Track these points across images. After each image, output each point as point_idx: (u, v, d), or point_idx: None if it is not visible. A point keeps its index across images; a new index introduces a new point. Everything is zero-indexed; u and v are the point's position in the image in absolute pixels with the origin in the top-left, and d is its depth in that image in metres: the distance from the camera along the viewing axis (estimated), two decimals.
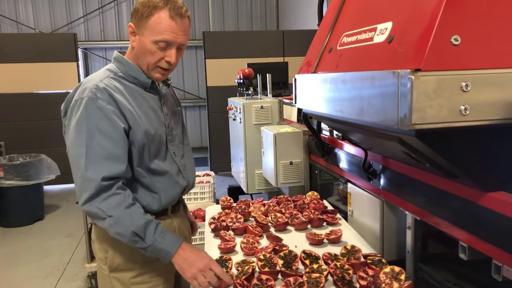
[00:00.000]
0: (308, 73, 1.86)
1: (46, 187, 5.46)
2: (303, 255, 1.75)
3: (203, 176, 4.52)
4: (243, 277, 1.59)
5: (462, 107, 1.10)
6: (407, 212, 1.78)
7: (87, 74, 8.36)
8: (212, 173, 4.66)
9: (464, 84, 1.10)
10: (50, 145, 6.14)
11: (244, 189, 3.96)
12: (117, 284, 1.49)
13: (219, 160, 6.77)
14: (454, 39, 1.10)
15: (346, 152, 2.36)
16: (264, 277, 1.58)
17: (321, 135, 2.70)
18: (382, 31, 1.39)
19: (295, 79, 1.99)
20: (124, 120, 1.42)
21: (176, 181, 1.57)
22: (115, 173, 1.37)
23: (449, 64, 1.10)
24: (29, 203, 4.97)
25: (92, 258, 3.31)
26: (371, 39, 1.46)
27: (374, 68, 1.32)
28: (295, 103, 2.04)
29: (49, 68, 6.28)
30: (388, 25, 1.36)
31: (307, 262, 1.72)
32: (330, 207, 2.46)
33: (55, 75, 6.32)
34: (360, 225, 2.22)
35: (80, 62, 7.16)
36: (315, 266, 1.66)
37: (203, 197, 4.25)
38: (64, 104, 1.46)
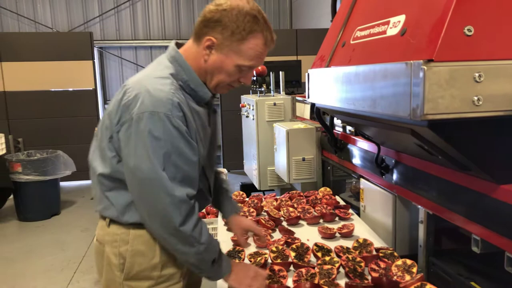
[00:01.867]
0: (321, 68, 1.87)
1: (62, 183, 5.54)
2: (315, 247, 1.77)
3: None
4: None
5: (475, 98, 1.11)
6: (419, 207, 1.78)
7: (102, 72, 8.48)
8: (225, 170, 4.69)
9: (477, 74, 1.10)
10: (66, 142, 6.24)
11: (257, 186, 3.99)
12: None
13: (232, 158, 6.80)
14: (468, 29, 1.10)
15: (359, 148, 2.37)
16: (276, 267, 1.60)
17: (334, 131, 2.71)
18: (395, 24, 1.40)
19: (308, 74, 2.01)
20: (196, 142, 1.30)
21: (206, 198, 1.52)
22: (193, 194, 1.28)
23: (462, 55, 1.10)
24: (46, 198, 5.06)
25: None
26: (384, 32, 1.47)
27: (387, 60, 1.33)
28: (308, 98, 2.05)
29: (66, 67, 6.39)
30: (401, 18, 1.37)
31: (319, 254, 1.73)
32: (342, 203, 2.47)
33: (72, 73, 6.42)
34: (372, 220, 2.23)
35: (96, 61, 7.27)
36: (327, 258, 1.68)
37: None
38: (119, 110, 1.26)
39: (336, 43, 1.86)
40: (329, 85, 1.75)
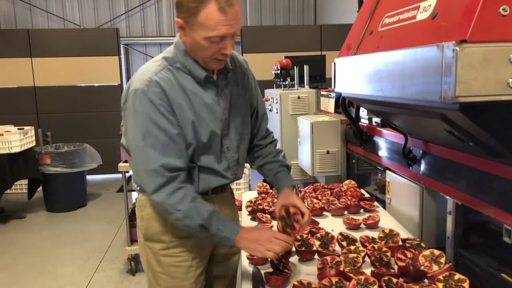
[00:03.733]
0: (348, 56, 1.85)
1: (88, 177, 5.67)
2: (340, 237, 1.75)
3: None
4: (280, 254, 1.61)
5: (510, 80, 1.07)
6: (447, 197, 1.74)
7: (128, 68, 8.62)
8: (247, 165, 4.70)
9: None
10: (92, 136, 6.38)
11: None
12: (149, 252, 1.56)
13: None
14: (503, 9, 1.07)
15: (385, 139, 2.33)
16: (292, 210, 1.60)
17: (360, 123, 2.68)
18: (425, 8, 1.38)
19: (334, 63, 1.99)
20: (175, 117, 1.40)
21: (223, 175, 1.56)
22: (177, 167, 1.38)
23: (497, 35, 1.07)
24: (73, 189, 5.19)
25: (132, 241, 3.42)
26: (413, 17, 1.44)
27: (416, 45, 1.31)
28: (334, 87, 2.03)
29: (92, 62, 6.52)
30: (432, 1, 1.34)
31: (344, 243, 1.72)
32: (367, 195, 2.44)
33: (98, 69, 6.55)
34: (398, 212, 2.19)
35: (122, 57, 7.39)
36: (352, 247, 1.66)
37: (239, 187, 4.30)
38: (123, 93, 1.46)
39: (364, 31, 1.83)
40: (356, 73, 1.74)
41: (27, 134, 4.84)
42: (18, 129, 4.81)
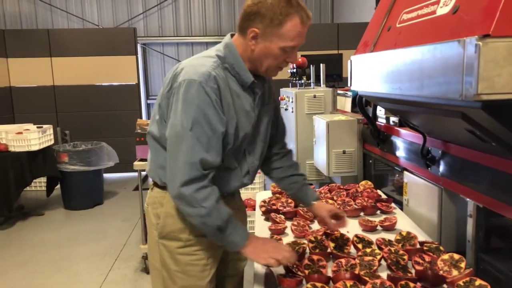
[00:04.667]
0: (365, 53, 1.81)
1: (105, 175, 5.73)
2: (355, 239, 1.71)
3: None
4: None
5: None
6: (468, 200, 1.68)
7: (145, 68, 8.68)
8: None
9: None
10: (110, 134, 6.44)
11: None
12: (164, 250, 1.55)
13: None
14: None
15: (403, 139, 2.28)
16: (315, 257, 1.55)
17: (377, 122, 2.62)
18: (446, 3, 1.33)
19: (351, 61, 1.95)
20: (224, 116, 1.42)
21: (242, 179, 1.58)
22: (212, 164, 1.40)
23: None
24: (90, 188, 5.25)
25: (147, 240, 3.43)
26: (433, 12, 1.39)
27: (436, 40, 1.26)
28: (351, 85, 1.99)
29: (111, 62, 6.58)
30: None
31: (359, 246, 1.67)
32: (384, 196, 2.39)
33: (116, 68, 6.61)
34: (416, 214, 2.13)
35: (139, 57, 7.45)
36: (368, 250, 1.62)
37: (253, 187, 4.28)
38: (170, 79, 1.46)
39: (381, 28, 1.79)
40: (374, 71, 1.69)
41: (45, 132, 4.91)
42: (37, 127, 4.88)
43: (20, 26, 8.03)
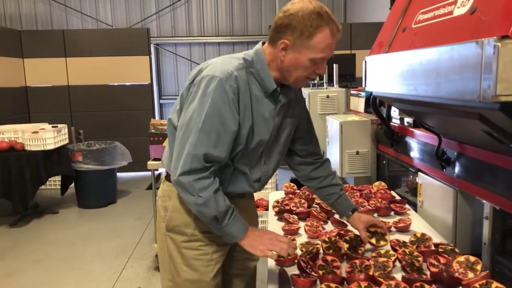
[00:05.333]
0: (380, 54, 1.80)
1: (119, 174, 5.78)
2: (368, 234, 1.70)
3: None
4: (308, 257, 1.58)
5: None
6: (484, 201, 1.66)
7: (158, 68, 8.74)
8: None
9: None
10: (123, 134, 6.51)
11: None
12: (171, 243, 1.58)
13: None
14: None
15: (418, 140, 2.26)
16: (329, 258, 1.55)
17: (391, 123, 2.61)
18: (463, 3, 1.32)
19: (365, 61, 1.94)
20: (238, 115, 1.44)
21: (251, 185, 1.59)
22: (217, 159, 1.42)
23: None
24: (104, 186, 5.31)
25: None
26: (450, 13, 1.38)
27: (453, 41, 1.25)
28: (365, 86, 1.98)
29: (124, 62, 6.65)
30: None
31: (373, 241, 1.67)
32: (398, 198, 2.37)
33: (129, 68, 6.67)
34: (430, 216, 2.12)
35: (152, 57, 7.50)
36: (382, 251, 1.61)
37: (266, 187, 4.27)
38: (196, 73, 1.49)
39: (396, 28, 1.78)
40: (388, 71, 1.68)
41: (60, 131, 4.97)
42: (52, 126, 4.95)
43: (35, 27, 8.15)
